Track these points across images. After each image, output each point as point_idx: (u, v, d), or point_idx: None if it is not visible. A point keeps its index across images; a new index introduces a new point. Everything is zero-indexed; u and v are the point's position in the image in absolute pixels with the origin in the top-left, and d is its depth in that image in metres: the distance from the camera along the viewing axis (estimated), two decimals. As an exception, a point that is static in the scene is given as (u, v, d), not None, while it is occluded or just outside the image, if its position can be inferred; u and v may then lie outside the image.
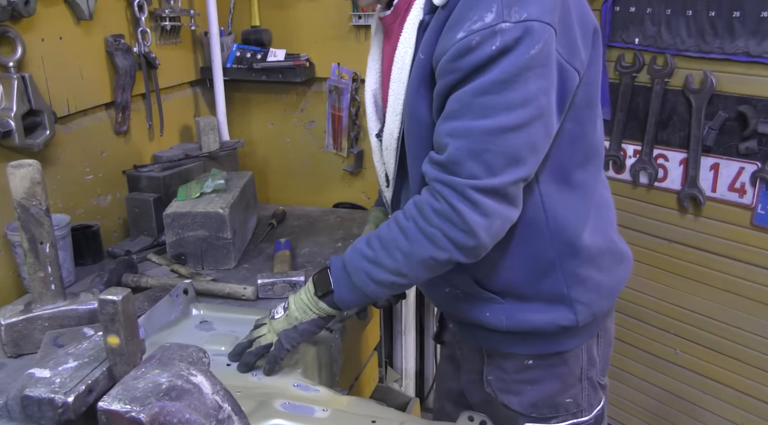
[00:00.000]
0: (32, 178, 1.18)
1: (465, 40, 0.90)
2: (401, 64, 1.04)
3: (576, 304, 1.13)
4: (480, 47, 0.90)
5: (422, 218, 1.00)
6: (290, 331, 1.15)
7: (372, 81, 1.22)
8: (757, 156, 1.79)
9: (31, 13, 1.47)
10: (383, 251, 1.04)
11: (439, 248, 1.00)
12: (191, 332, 1.35)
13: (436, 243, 0.99)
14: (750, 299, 1.91)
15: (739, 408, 2.01)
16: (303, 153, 2.32)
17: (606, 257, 1.16)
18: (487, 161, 0.94)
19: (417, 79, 1.01)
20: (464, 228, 0.97)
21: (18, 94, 1.45)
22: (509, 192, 0.97)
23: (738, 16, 1.74)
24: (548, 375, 1.19)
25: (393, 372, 2.37)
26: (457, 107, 0.95)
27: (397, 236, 1.03)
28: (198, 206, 1.60)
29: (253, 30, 2.18)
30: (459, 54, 0.91)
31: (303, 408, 1.06)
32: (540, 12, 0.90)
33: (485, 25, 0.89)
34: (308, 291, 1.14)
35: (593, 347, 1.21)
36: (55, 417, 0.82)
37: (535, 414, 1.21)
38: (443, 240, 0.99)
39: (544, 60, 0.92)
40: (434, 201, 0.99)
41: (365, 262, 1.06)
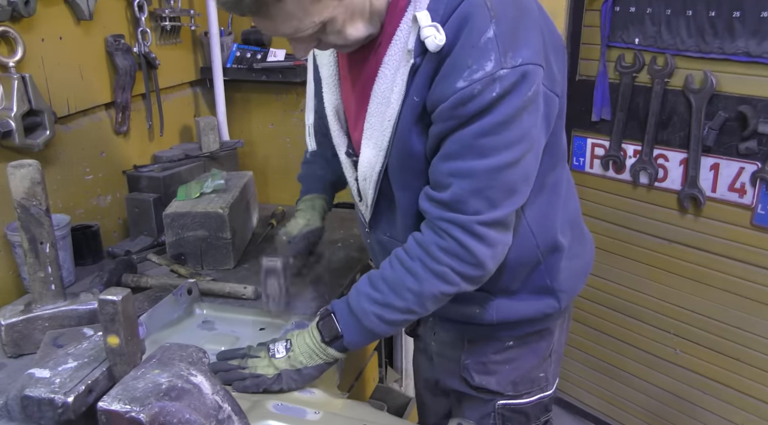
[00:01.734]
0: (32, 178, 1.18)
1: (467, 89, 0.93)
2: (384, 101, 1.04)
3: (559, 293, 1.21)
4: (481, 95, 0.93)
5: (429, 258, 1.03)
6: (293, 373, 1.13)
7: (332, 96, 1.20)
8: (757, 156, 1.79)
9: (31, 13, 1.47)
10: (392, 292, 1.06)
11: (448, 284, 1.04)
12: (193, 331, 1.35)
13: (446, 280, 1.04)
14: (750, 299, 1.91)
15: (739, 408, 2.01)
16: (303, 153, 2.32)
17: (576, 245, 1.24)
18: (490, 197, 0.99)
19: (411, 120, 1.03)
20: (473, 262, 1.02)
21: (18, 94, 1.45)
22: (507, 221, 1.03)
23: (738, 16, 1.74)
24: (526, 353, 1.27)
25: (393, 372, 2.37)
26: (457, 148, 0.98)
27: (405, 276, 1.05)
28: (198, 206, 1.60)
29: (253, 30, 2.18)
30: (461, 102, 0.94)
31: (295, 409, 1.06)
32: (531, 55, 0.95)
33: (486, 74, 0.92)
34: (314, 338, 1.13)
35: (564, 322, 1.32)
36: (55, 417, 0.82)
37: (512, 392, 1.28)
38: (453, 276, 1.03)
39: (535, 97, 0.97)
40: (440, 240, 1.02)
41: (374, 305, 1.08)
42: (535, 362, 1.28)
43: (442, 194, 1.01)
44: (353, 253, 1.75)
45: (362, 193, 1.19)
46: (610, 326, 2.31)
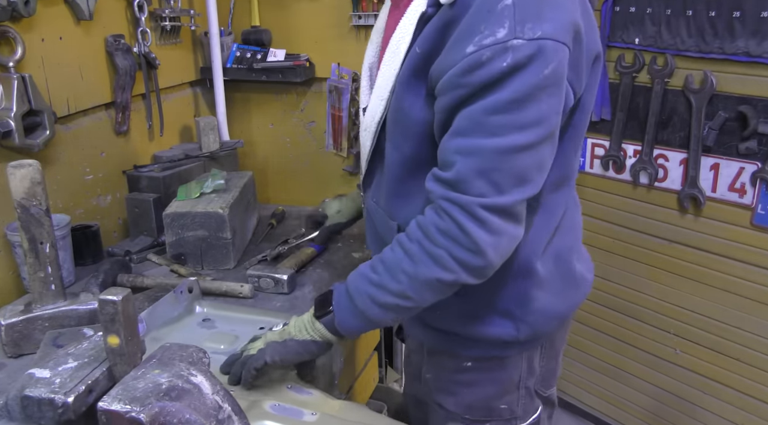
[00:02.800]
0: (32, 178, 1.18)
1: (475, 54, 0.88)
2: (395, 50, 1.02)
3: (519, 322, 1.13)
4: (490, 63, 0.87)
5: (427, 239, 0.97)
6: (278, 345, 1.10)
7: (371, 53, 1.21)
8: (757, 156, 1.79)
9: (31, 13, 1.47)
10: (387, 274, 1.01)
11: (445, 270, 0.97)
12: (193, 329, 1.35)
13: (443, 264, 0.96)
14: (750, 299, 1.91)
15: (739, 408, 2.01)
16: (303, 153, 2.32)
17: (557, 282, 1.15)
18: (496, 180, 0.92)
19: (408, 72, 0.99)
20: (471, 247, 0.94)
21: (18, 94, 1.45)
22: (515, 211, 0.95)
23: (738, 16, 1.74)
24: (485, 379, 1.19)
25: (393, 372, 2.37)
26: (466, 124, 0.92)
27: (402, 258, 1.00)
28: (198, 206, 1.61)
29: (253, 30, 2.18)
30: (468, 69, 0.89)
31: (292, 410, 1.06)
32: (554, 30, 0.88)
33: (497, 41, 0.87)
34: (309, 312, 1.12)
35: (535, 357, 1.21)
36: (55, 417, 0.82)
37: (468, 416, 1.22)
38: (450, 261, 0.96)
39: (557, 80, 0.90)
40: (439, 221, 0.96)
41: (369, 286, 1.03)
42: (494, 391, 1.21)
43: (446, 173, 0.95)
44: (353, 253, 1.75)
45: (362, 148, 1.17)
46: (610, 326, 2.31)
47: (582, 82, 0.99)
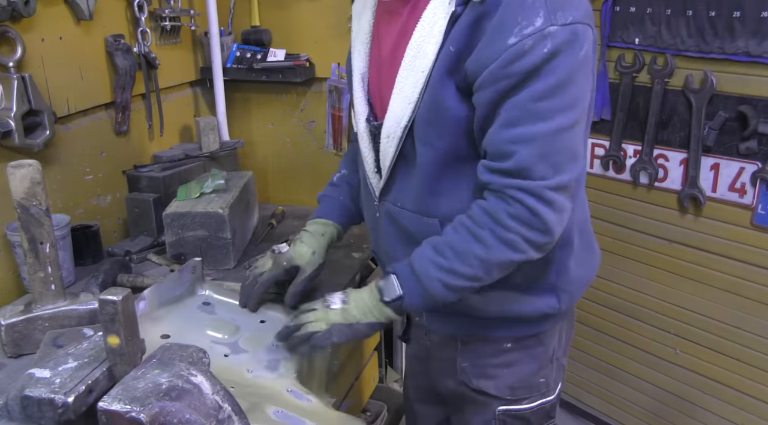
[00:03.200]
0: (32, 178, 1.18)
1: (518, 45, 0.93)
2: (417, 53, 1.04)
3: (561, 292, 1.20)
4: (532, 51, 0.93)
5: (499, 226, 1.02)
6: (344, 327, 1.15)
7: (360, 64, 1.22)
8: (757, 156, 1.79)
9: (31, 13, 1.47)
10: (458, 259, 1.05)
11: (517, 251, 1.03)
12: (193, 312, 1.34)
13: (516, 247, 1.03)
14: (750, 299, 1.91)
15: (739, 408, 2.01)
16: (303, 153, 2.32)
17: (583, 252, 1.24)
18: (554, 161, 0.99)
19: (443, 71, 1.02)
20: (542, 228, 1.01)
21: (18, 94, 1.45)
22: (571, 186, 1.03)
23: (738, 16, 1.74)
24: (525, 357, 1.25)
25: (393, 372, 2.37)
26: (517, 114, 0.97)
27: (472, 244, 1.04)
28: (198, 206, 1.60)
29: (253, 30, 2.18)
30: (512, 59, 0.93)
31: (295, 419, 1.05)
32: (582, 15, 0.96)
33: (536, 29, 0.92)
34: (373, 295, 1.14)
35: (563, 328, 1.30)
36: (55, 417, 0.82)
37: (510, 397, 1.26)
38: (522, 244, 1.03)
39: (588, 60, 0.98)
40: (510, 207, 1.01)
41: (439, 271, 1.07)
42: (534, 367, 1.26)
43: (505, 163, 1.00)
44: (353, 253, 1.75)
45: (382, 156, 1.17)
46: (610, 326, 2.31)
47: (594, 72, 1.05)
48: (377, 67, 1.18)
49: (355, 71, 1.22)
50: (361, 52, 1.22)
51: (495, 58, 0.95)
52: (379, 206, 1.24)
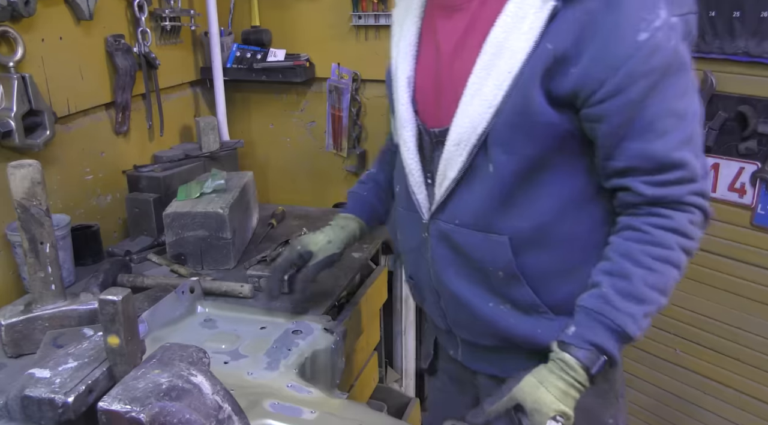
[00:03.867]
0: (32, 178, 1.18)
1: (651, 40, 0.88)
2: (499, 50, 0.94)
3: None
4: (664, 45, 0.89)
5: (686, 238, 0.96)
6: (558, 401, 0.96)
7: (407, 67, 1.10)
8: (757, 156, 1.79)
9: (31, 13, 1.47)
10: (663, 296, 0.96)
11: (690, 256, 0.98)
12: (194, 329, 1.35)
13: (692, 252, 0.98)
14: (750, 299, 1.91)
15: (739, 408, 2.01)
16: (303, 153, 2.32)
17: None
18: (700, 153, 0.96)
19: (537, 70, 0.92)
20: (707, 224, 0.98)
21: (18, 94, 1.45)
22: None
23: (738, 16, 1.73)
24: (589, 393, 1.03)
25: (393, 372, 2.37)
26: (670, 121, 0.92)
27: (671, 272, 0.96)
28: (198, 206, 1.60)
29: (253, 30, 2.18)
30: (648, 56, 0.89)
31: (291, 409, 1.06)
32: (690, 5, 0.94)
33: (663, 22, 0.89)
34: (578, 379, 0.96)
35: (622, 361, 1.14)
36: (55, 417, 0.82)
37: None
38: (696, 247, 0.98)
39: None
40: (692, 215, 0.96)
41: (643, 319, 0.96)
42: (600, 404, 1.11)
43: (677, 172, 0.93)
44: (353, 253, 1.75)
45: (442, 167, 1.04)
46: (610, 326, 2.30)
47: None
48: (430, 70, 1.07)
49: (401, 75, 1.10)
50: (407, 54, 1.11)
51: (627, 58, 0.88)
52: (429, 224, 1.10)
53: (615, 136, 0.93)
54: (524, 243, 1.02)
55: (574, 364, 0.95)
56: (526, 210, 1.00)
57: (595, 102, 0.91)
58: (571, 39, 0.90)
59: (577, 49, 0.90)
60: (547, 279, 1.04)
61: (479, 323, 1.10)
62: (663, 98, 0.91)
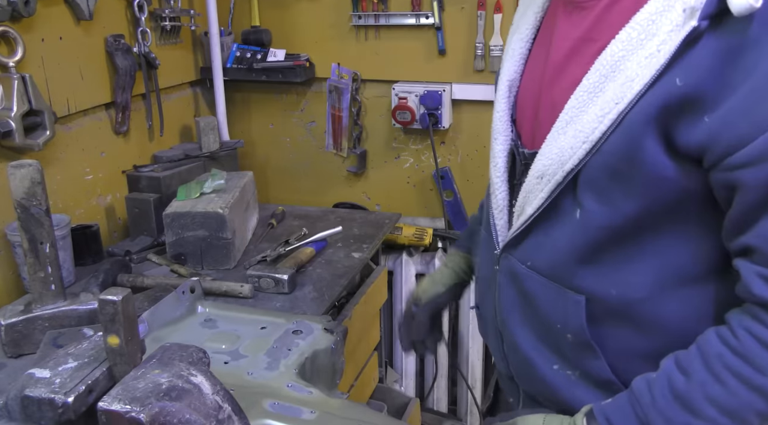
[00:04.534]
0: (32, 178, 1.18)
1: None
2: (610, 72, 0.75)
3: None
4: None
5: None
6: None
7: (511, 69, 0.95)
8: (757, 156, 1.79)
9: (31, 13, 1.47)
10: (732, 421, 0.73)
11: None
12: (194, 329, 1.35)
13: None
14: (750, 299, 1.90)
15: (739, 408, 2.00)
16: (303, 153, 2.32)
17: None
18: None
19: (655, 109, 0.71)
20: None
21: (18, 94, 1.45)
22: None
23: (738, 16, 1.73)
24: None
25: (393, 372, 2.37)
26: None
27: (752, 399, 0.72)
28: (198, 206, 1.61)
29: (253, 30, 2.18)
30: None
31: (291, 409, 1.05)
32: None
33: None
34: None
35: None
36: (55, 417, 0.82)
37: None
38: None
39: None
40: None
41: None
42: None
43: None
44: (353, 253, 1.75)
45: (522, 198, 0.89)
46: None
47: None
48: (537, 77, 0.89)
49: (503, 76, 0.95)
50: (515, 51, 0.94)
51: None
52: (500, 258, 0.95)
53: (751, 209, 0.71)
54: (605, 312, 0.84)
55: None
56: (615, 274, 0.82)
57: (731, 166, 0.69)
58: (709, 76, 0.68)
59: (716, 91, 0.68)
60: (629, 359, 0.86)
61: (541, 383, 0.94)
62: None
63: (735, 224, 0.74)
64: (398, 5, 2.02)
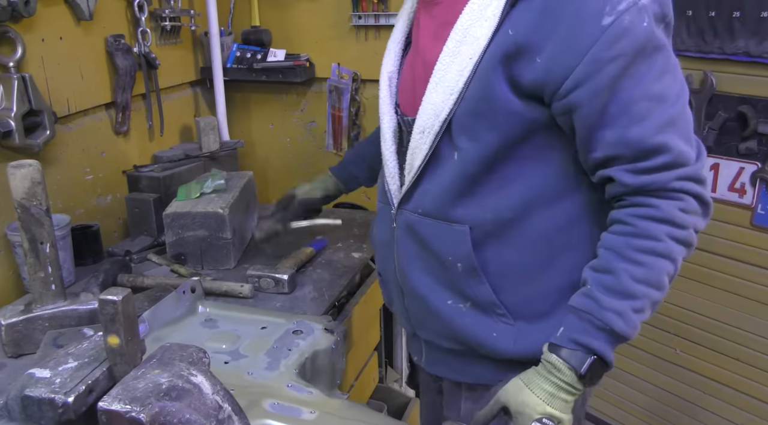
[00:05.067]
0: (32, 178, 1.18)
1: (617, 23, 0.84)
2: (463, 38, 0.93)
3: None
4: (634, 27, 0.85)
5: (676, 227, 0.91)
6: None
7: (389, 64, 1.14)
8: (757, 156, 1.79)
9: (31, 13, 1.47)
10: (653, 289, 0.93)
11: (689, 248, 0.93)
12: (194, 328, 1.35)
13: (689, 243, 0.93)
14: (750, 299, 1.91)
15: (739, 408, 2.01)
16: (303, 153, 2.32)
17: None
18: (690, 136, 0.91)
19: (499, 56, 0.90)
20: (707, 212, 0.93)
21: (18, 94, 1.45)
22: None
23: (738, 16, 1.74)
24: None
25: (393, 372, 2.37)
26: (644, 104, 0.88)
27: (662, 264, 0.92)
28: (198, 206, 1.60)
29: (253, 30, 2.18)
30: (615, 39, 0.84)
31: (291, 409, 1.06)
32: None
33: (630, 3, 0.85)
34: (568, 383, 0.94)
35: None
36: (55, 417, 0.82)
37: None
38: (693, 237, 0.92)
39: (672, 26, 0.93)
40: (681, 203, 0.90)
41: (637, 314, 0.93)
42: None
43: (660, 158, 0.88)
44: (353, 253, 1.75)
45: (409, 157, 1.04)
46: (610, 326, 2.30)
47: None
48: (412, 65, 1.08)
49: (383, 71, 1.13)
50: (391, 51, 1.14)
51: (591, 44, 0.84)
52: (396, 215, 1.10)
53: (590, 126, 0.90)
54: (486, 236, 1.00)
55: (561, 365, 0.93)
56: (489, 200, 0.99)
57: (564, 93, 0.88)
58: (532, 26, 0.87)
59: (540, 38, 0.87)
60: (508, 278, 1.02)
61: (437, 321, 1.09)
62: (637, 82, 0.87)
63: (584, 142, 0.92)
64: (398, 5, 2.02)
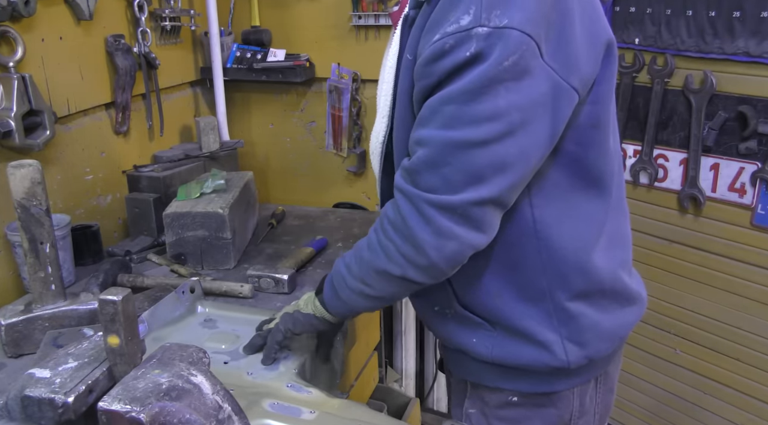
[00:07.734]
0: (32, 178, 1.18)
1: (439, 43, 0.84)
2: (386, 63, 1.02)
3: (567, 343, 1.02)
4: (453, 52, 0.83)
5: (381, 230, 0.97)
6: (288, 315, 1.16)
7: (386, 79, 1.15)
8: (757, 156, 1.79)
9: (31, 13, 1.47)
10: (353, 258, 1.03)
11: (392, 262, 0.95)
12: (194, 329, 1.35)
13: (390, 257, 0.95)
14: (750, 299, 1.91)
15: (739, 408, 2.01)
16: (303, 153, 2.32)
17: (607, 297, 1.06)
18: (446, 175, 0.87)
19: (407, 82, 0.95)
20: (413, 244, 0.91)
21: (18, 94, 1.45)
22: (470, 214, 0.88)
23: (738, 16, 1.74)
24: (532, 416, 1.10)
25: (393, 372, 2.37)
26: (426, 114, 0.89)
27: (363, 246, 1.01)
28: (198, 206, 1.60)
29: (253, 30, 2.18)
30: (433, 58, 0.85)
31: (290, 409, 1.06)
32: (523, 21, 0.82)
33: (460, 29, 0.83)
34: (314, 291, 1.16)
35: (587, 392, 1.11)
36: (55, 417, 0.82)
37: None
38: (396, 254, 0.94)
39: (518, 74, 0.83)
40: (390, 212, 0.94)
41: (343, 268, 1.05)
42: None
43: (405, 162, 0.93)
44: (353, 253, 1.75)
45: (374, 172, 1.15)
46: (610, 326, 2.30)
47: (581, 74, 0.89)
48: None
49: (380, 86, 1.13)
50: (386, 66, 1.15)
51: (422, 55, 0.88)
52: None
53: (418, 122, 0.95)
54: None
55: None
56: None
57: None
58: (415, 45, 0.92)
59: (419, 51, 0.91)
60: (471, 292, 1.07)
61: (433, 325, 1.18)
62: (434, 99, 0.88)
63: None
64: (398, 5, 2.02)
